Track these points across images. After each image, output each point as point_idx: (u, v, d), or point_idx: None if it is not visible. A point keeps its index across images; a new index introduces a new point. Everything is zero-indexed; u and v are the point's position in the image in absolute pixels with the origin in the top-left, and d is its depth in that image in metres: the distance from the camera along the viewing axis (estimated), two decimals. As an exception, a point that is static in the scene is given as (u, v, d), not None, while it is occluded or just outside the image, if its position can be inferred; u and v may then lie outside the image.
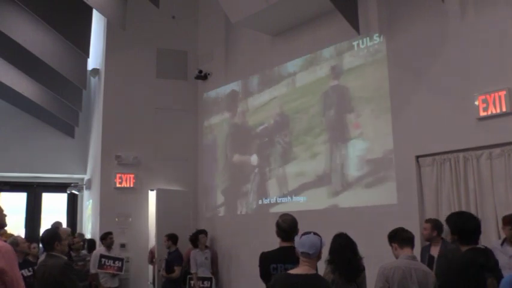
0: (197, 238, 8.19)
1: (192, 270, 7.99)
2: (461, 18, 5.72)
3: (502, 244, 4.79)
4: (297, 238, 3.31)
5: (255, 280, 4.32)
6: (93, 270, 8.12)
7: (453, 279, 3.49)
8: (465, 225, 3.61)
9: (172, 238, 8.25)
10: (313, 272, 3.22)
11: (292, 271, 3.26)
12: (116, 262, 8.13)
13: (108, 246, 8.21)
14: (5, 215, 3.71)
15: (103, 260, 8.05)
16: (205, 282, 7.96)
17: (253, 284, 4.92)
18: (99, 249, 8.29)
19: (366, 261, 4.37)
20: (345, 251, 4.01)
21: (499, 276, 3.42)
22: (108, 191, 9.12)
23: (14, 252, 3.42)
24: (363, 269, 4.18)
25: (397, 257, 3.89)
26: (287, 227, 3.93)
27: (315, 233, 3.31)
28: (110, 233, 8.30)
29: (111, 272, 8.06)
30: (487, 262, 3.48)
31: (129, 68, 9.42)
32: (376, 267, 3.92)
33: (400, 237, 3.91)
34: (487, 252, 3.66)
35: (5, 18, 7.73)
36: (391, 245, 3.99)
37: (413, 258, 3.86)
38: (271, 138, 8.11)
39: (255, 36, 8.38)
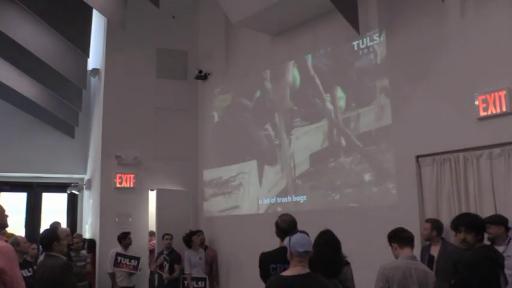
0: (191, 239, 8.21)
1: (186, 271, 7.99)
2: (461, 18, 5.71)
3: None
4: (292, 239, 3.28)
5: (254, 280, 4.32)
6: (109, 269, 8.18)
7: (467, 276, 3.50)
8: (476, 222, 3.65)
9: (172, 238, 8.28)
10: (307, 271, 3.21)
11: (286, 273, 3.24)
12: (132, 261, 8.19)
13: (126, 246, 8.29)
14: (7, 216, 3.72)
15: (119, 258, 8.11)
16: (200, 283, 7.97)
17: (253, 284, 4.91)
18: (116, 248, 8.34)
19: (366, 261, 4.37)
20: (327, 248, 3.97)
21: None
22: (108, 191, 9.13)
23: (15, 252, 3.43)
24: (346, 264, 4.14)
25: (397, 257, 3.89)
26: (286, 227, 3.93)
27: (300, 231, 3.33)
28: (128, 233, 8.40)
29: (126, 270, 8.13)
30: (498, 258, 3.52)
31: (129, 68, 9.42)
32: (376, 267, 3.92)
33: (400, 237, 3.91)
34: (495, 249, 3.71)
35: (5, 18, 7.73)
36: (391, 245, 3.99)
37: (414, 258, 3.86)
38: (273, 138, 8.11)
39: (255, 36, 8.38)
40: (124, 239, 8.30)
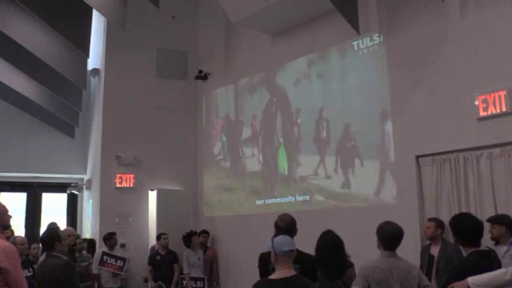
0: (190, 240, 8.20)
1: (185, 271, 8.00)
2: (461, 18, 5.73)
3: (495, 245, 4.78)
4: (275, 240, 3.29)
5: (254, 280, 4.30)
6: (95, 270, 8.10)
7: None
8: (466, 227, 3.60)
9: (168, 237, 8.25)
10: (293, 273, 3.22)
11: (273, 276, 3.22)
12: (118, 261, 8.09)
13: (111, 246, 8.22)
14: (10, 216, 3.73)
15: (105, 257, 8.03)
16: (198, 283, 7.97)
17: (252, 284, 4.91)
18: (102, 248, 8.26)
19: (365, 261, 4.34)
20: (329, 249, 3.94)
21: None
22: (108, 191, 9.12)
23: (18, 253, 3.44)
24: (350, 265, 4.11)
25: (378, 248, 3.74)
26: (284, 226, 3.92)
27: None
28: (113, 233, 8.30)
29: (111, 270, 8.02)
30: (490, 265, 3.46)
31: (129, 68, 9.42)
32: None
33: (386, 239, 3.68)
34: (490, 254, 3.65)
35: (5, 18, 7.73)
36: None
37: (394, 255, 3.68)
38: (272, 138, 8.12)
39: (255, 36, 8.39)
40: (109, 239, 8.17)
